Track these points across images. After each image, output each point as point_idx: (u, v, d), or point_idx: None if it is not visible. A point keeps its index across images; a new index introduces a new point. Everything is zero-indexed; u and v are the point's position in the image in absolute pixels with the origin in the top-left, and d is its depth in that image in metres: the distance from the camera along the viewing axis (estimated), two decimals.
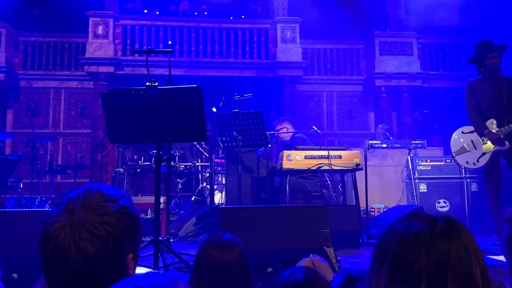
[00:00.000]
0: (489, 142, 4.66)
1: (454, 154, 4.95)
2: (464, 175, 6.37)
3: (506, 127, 4.56)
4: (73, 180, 8.55)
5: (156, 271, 2.93)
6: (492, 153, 4.66)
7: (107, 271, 1.02)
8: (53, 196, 8.14)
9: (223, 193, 6.68)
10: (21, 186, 7.89)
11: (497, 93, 4.65)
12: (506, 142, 4.59)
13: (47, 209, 5.52)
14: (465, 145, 4.84)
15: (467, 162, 4.83)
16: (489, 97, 4.68)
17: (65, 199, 1.08)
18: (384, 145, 7.55)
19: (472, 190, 6.33)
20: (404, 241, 0.90)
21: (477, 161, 4.73)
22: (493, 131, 4.63)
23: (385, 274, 0.90)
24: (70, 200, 1.07)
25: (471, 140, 4.83)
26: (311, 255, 2.02)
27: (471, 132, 4.87)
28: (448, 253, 0.87)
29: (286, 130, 6.47)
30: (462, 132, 4.96)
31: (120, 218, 1.06)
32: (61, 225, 1.02)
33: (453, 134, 5.02)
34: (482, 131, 4.71)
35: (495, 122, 4.64)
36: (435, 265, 0.86)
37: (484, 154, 4.69)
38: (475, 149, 4.77)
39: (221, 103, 6.70)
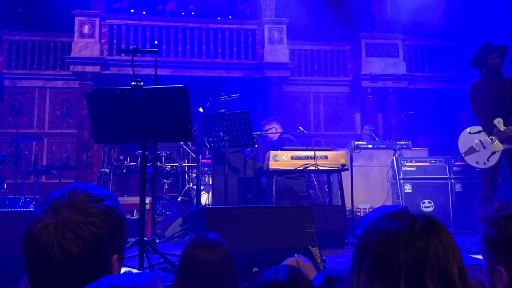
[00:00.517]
0: (497, 141, 4.71)
1: (463, 155, 4.96)
2: (448, 176, 6.45)
3: None
4: (58, 181, 8.46)
5: (141, 271, 2.92)
6: (502, 152, 4.70)
7: (91, 272, 1.00)
8: (37, 196, 8.05)
9: (210, 193, 6.68)
10: (5, 186, 7.80)
11: (501, 93, 4.71)
12: None
13: (30, 209, 5.45)
14: (474, 145, 4.87)
15: (477, 162, 4.84)
16: (494, 97, 4.74)
17: (50, 198, 1.07)
18: (370, 146, 7.60)
19: (456, 190, 6.41)
20: (384, 239, 0.91)
21: (488, 160, 4.75)
22: (501, 129, 4.69)
23: (365, 272, 0.91)
24: (55, 199, 1.06)
25: (480, 140, 4.86)
26: (295, 255, 2.03)
27: (478, 132, 4.91)
28: (426, 251, 0.89)
29: (275, 130, 6.49)
30: (469, 133, 4.97)
31: (105, 219, 1.04)
32: (45, 224, 1.01)
33: (460, 135, 5.03)
34: (492, 130, 4.75)
35: (501, 121, 4.70)
36: (414, 262, 0.88)
37: (494, 153, 4.72)
38: (484, 148, 4.79)
39: (208, 103, 6.69)
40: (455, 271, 0.89)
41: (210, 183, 6.57)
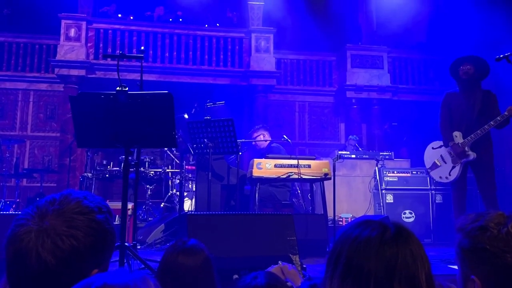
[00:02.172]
0: (457, 154, 4.68)
1: (429, 171, 5.03)
2: (429, 187, 6.54)
3: (472, 135, 4.56)
4: (39, 184, 8.37)
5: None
6: (462, 165, 4.68)
7: (67, 284, 0.99)
8: (18, 200, 7.94)
9: (193, 200, 6.66)
10: None
11: (471, 104, 4.66)
12: (471, 153, 4.61)
13: (10, 212, 5.39)
14: (436, 160, 4.90)
15: (440, 177, 4.88)
16: (462, 109, 4.70)
17: (41, 202, 1.06)
18: (353, 156, 7.68)
19: (437, 201, 6.51)
20: (356, 246, 0.95)
21: (449, 174, 4.76)
22: (459, 142, 4.66)
23: (337, 278, 0.94)
24: (44, 205, 1.05)
25: (441, 155, 4.89)
26: (280, 262, 2.04)
27: (440, 147, 4.95)
28: (395, 258, 0.92)
29: (263, 137, 6.52)
30: (432, 148, 5.02)
31: (89, 233, 1.03)
32: (28, 230, 1.00)
33: (425, 151, 5.08)
34: (447, 143, 4.77)
35: (460, 134, 4.67)
36: (384, 269, 0.91)
37: (454, 167, 4.72)
38: (445, 163, 4.81)
39: (194, 110, 6.69)
40: (423, 278, 0.93)
41: (194, 189, 6.56)
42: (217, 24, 11.28)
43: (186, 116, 6.42)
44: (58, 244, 0.99)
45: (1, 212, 5.95)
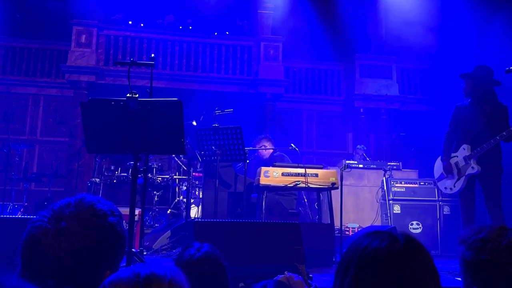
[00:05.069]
0: (462, 166, 4.68)
1: (436, 181, 5.06)
2: (437, 198, 6.50)
3: (479, 149, 4.53)
4: (47, 189, 8.41)
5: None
6: (466, 177, 4.65)
7: (81, 284, 1.03)
8: (25, 204, 8.00)
9: (200, 207, 6.67)
10: None
11: (478, 116, 4.64)
12: (475, 166, 4.57)
13: (18, 216, 5.43)
14: (443, 171, 4.89)
15: (445, 188, 4.90)
16: (468, 121, 4.71)
17: (56, 205, 1.10)
18: (361, 166, 7.66)
19: (444, 213, 6.46)
20: (365, 257, 0.95)
21: (454, 186, 4.76)
22: (466, 154, 4.64)
23: None
24: (60, 208, 1.09)
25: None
26: (286, 272, 2.04)
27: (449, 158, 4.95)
28: (405, 269, 0.92)
29: (265, 147, 6.52)
30: (441, 159, 5.02)
31: (103, 235, 1.07)
32: (45, 231, 1.04)
33: (436, 162, 5.07)
34: (443, 157, 4.85)
35: (468, 147, 4.66)
36: (393, 280, 0.91)
37: (459, 178, 4.71)
38: (452, 174, 4.80)
39: (202, 117, 6.73)
40: None
41: (200, 196, 6.57)
42: (227, 32, 11.34)
43: (194, 123, 6.45)
44: (75, 244, 1.02)
45: (9, 216, 5.99)
